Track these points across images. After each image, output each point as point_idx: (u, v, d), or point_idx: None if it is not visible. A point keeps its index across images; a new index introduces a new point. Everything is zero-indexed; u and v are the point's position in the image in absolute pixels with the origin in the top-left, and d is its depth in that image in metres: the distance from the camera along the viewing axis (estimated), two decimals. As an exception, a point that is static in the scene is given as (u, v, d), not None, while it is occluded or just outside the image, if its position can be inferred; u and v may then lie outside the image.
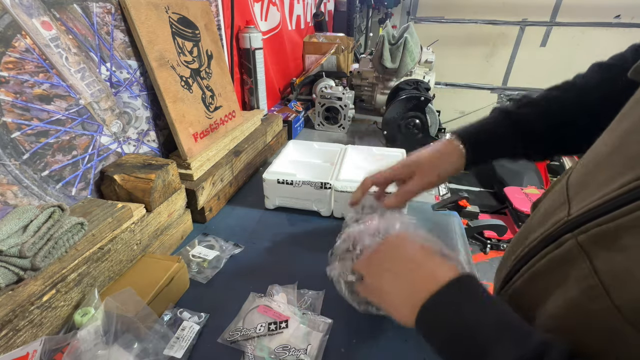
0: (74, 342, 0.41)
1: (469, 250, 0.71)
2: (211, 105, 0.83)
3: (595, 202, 0.28)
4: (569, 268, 0.29)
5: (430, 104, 1.12)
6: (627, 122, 0.30)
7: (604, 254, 0.26)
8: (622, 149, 0.28)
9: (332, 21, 2.34)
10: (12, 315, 0.39)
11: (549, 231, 0.33)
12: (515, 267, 0.37)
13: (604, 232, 0.27)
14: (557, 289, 0.30)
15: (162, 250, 0.65)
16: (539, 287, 0.33)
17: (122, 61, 0.64)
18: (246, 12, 1.13)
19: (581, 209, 0.29)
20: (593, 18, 2.89)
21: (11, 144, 0.47)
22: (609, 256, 0.26)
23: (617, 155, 0.29)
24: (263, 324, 0.51)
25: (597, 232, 0.27)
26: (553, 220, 0.33)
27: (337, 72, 1.65)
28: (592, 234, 0.28)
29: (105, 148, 0.62)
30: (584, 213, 0.29)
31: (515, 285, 0.37)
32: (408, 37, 1.32)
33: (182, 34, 0.75)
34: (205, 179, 0.75)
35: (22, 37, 0.47)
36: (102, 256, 0.51)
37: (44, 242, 0.43)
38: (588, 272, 0.27)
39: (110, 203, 0.55)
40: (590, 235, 0.28)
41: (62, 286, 0.45)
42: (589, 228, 0.28)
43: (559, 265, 0.31)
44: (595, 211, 0.28)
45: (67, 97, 0.54)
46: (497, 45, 3.25)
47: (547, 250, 0.32)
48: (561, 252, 0.31)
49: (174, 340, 0.48)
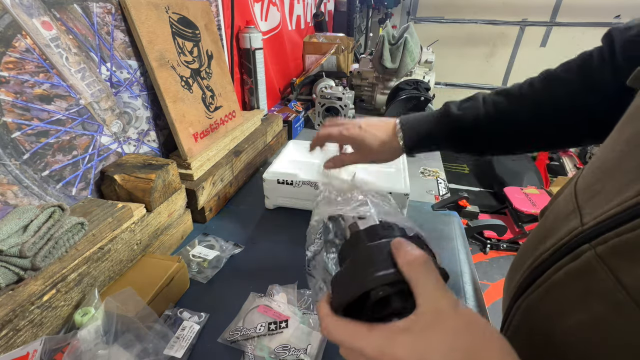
0: (74, 342, 0.41)
1: (468, 250, 0.71)
2: (211, 105, 0.83)
3: (611, 210, 0.27)
4: (589, 281, 0.28)
5: (430, 104, 1.12)
6: (632, 127, 0.29)
7: (627, 266, 0.25)
8: (633, 155, 0.28)
9: (332, 21, 2.34)
10: (12, 315, 0.39)
11: (562, 241, 0.31)
12: (527, 279, 0.36)
13: (624, 243, 0.25)
14: (579, 304, 0.29)
15: (162, 250, 0.65)
16: (557, 300, 0.32)
17: (122, 61, 0.64)
18: (246, 12, 1.13)
19: (596, 218, 0.28)
20: (593, 18, 2.89)
21: (11, 144, 0.47)
22: (634, 269, 0.24)
23: (627, 162, 0.28)
24: (263, 324, 0.51)
25: (616, 243, 0.26)
26: (565, 230, 0.32)
27: (337, 72, 1.65)
28: (612, 245, 0.26)
29: (106, 148, 0.62)
30: (600, 223, 0.27)
31: (530, 298, 0.35)
32: (408, 37, 1.32)
33: (182, 34, 0.75)
34: (206, 179, 0.75)
35: (22, 37, 0.47)
36: (102, 256, 0.51)
37: (44, 242, 0.43)
38: (613, 286, 0.25)
39: (110, 203, 0.55)
40: (609, 247, 0.26)
41: (62, 286, 0.45)
42: (608, 239, 0.26)
43: (578, 278, 0.29)
44: (612, 221, 0.26)
45: (67, 97, 0.54)
46: (497, 45, 3.25)
47: (563, 262, 0.31)
48: (579, 265, 0.29)
49: (174, 340, 0.48)
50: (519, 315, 0.37)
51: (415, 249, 0.28)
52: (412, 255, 0.27)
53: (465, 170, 3.46)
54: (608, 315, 0.26)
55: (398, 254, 0.27)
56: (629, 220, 0.25)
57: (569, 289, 0.30)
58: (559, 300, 0.32)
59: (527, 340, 0.35)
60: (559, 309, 0.31)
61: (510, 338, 0.27)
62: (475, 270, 0.67)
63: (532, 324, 0.30)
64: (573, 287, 0.30)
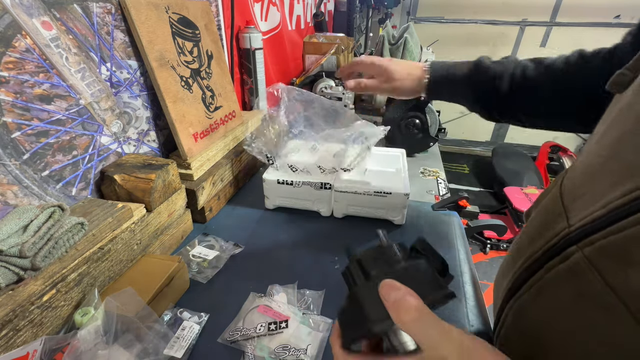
0: (74, 342, 0.41)
1: (468, 250, 0.71)
2: (211, 105, 0.83)
3: (596, 212, 0.27)
4: (579, 282, 0.28)
5: (430, 104, 1.12)
6: (616, 130, 0.29)
7: (615, 268, 0.25)
8: (618, 158, 0.28)
9: (332, 21, 2.34)
10: (12, 315, 0.39)
11: (551, 242, 0.32)
12: (519, 280, 0.36)
13: (611, 244, 0.25)
14: (570, 304, 0.29)
15: (162, 250, 0.65)
16: (548, 301, 0.32)
17: (122, 61, 0.64)
18: (246, 12, 1.13)
19: (582, 220, 0.28)
20: (593, 18, 2.89)
21: (11, 144, 0.47)
22: (621, 271, 0.25)
23: (612, 164, 0.28)
24: (263, 324, 0.51)
25: (603, 244, 0.26)
26: (553, 232, 0.32)
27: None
28: (598, 247, 0.26)
29: (106, 148, 0.62)
30: (587, 224, 0.28)
31: (522, 299, 0.35)
32: (408, 37, 1.32)
33: (182, 34, 0.75)
34: (206, 179, 0.75)
35: (22, 37, 0.47)
36: (102, 256, 0.51)
37: (44, 242, 0.43)
38: (602, 288, 0.26)
39: (110, 203, 0.55)
40: (596, 248, 0.27)
41: (62, 286, 0.45)
42: (594, 240, 0.27)
43: (567, 280, 0.30)
44: (599, 222, 0.26)
45: (67, 97, 0.54)
46: (497, 45, 3.25)
47: (552, 263, 0.31)
48: (567, 266, 0.29)
49: (174, 340, 0.48)
50: (511, 316, 0.37)
51: (405, 302, 0.26)
52: (404, 316, 0.26)
53: (465, 170, 3.46)
54: (598, 316, 0.26)
55: (389, 311, 0.26)
56: (614, 222, 0.25)
57: (560, 289, 0.31)
58: (550, 301, 0.32)
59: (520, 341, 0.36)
60: (551, 309, 0.32)
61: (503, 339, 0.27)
62: (475, 270, 0.67)
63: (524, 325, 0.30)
64: (564, 288, 0.30)
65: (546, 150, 2.96)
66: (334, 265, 0.65)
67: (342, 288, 0.32)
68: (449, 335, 0.25)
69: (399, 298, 0.26)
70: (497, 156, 3.09)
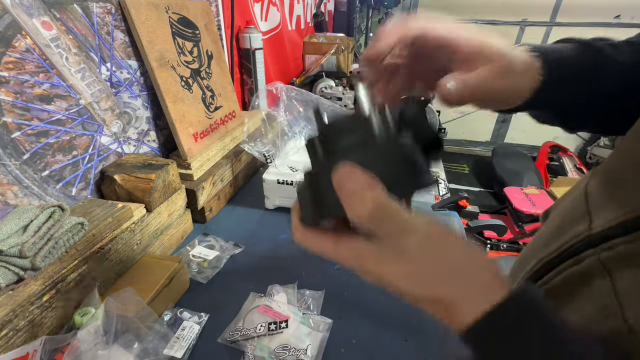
0: (74, 342, 0.41)
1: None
2: (211, 105, 0.83)
3: (622, 217, 0.26)
4: (584, 285, 0.28)
5: (430, 104, 1.12)
6: None
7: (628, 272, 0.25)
8: None
9: (332, 21, 2.34)
10: (12, 315, 0.39)
11: (568, 244, 0.31)
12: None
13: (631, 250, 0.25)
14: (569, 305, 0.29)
15: (162, 250, 0.65)
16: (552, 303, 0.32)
17: (122, 61, 0.64)
18: (246, 12, 1.13)
19: (606, 224, 0.27)
20: (593, 18, 2.89)
21: (11, 144, 0.47)
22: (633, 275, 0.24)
23: None
24: (263, 324, 0.51)
25: (623, 250, 0.25)
26: (573, 233, 0.31)
27: (337, 72, 1.65)
28: (618, 251, 0.26)
29: (106, 148, 0.62)
30: (610, 229, 0.27)
31: None
32: (408, 37, 1.32)
33: (182, 34, 0.75)
34: (206, 179, 0.75)
35: (22, 37, 0.47)
36: (102, 256, 0.51)
37: (44, 242, 0.43)
38: (605, 290, 0.25)
39: (110, 203, 0.55)
40: (615, 253, 0.26)
41: (62, 286, 0.45)
42: (615, 245, 0.26)
43: (575, 283, 0.29)
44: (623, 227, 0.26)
45: (67, 97, 0.54)
46: (497, 45, 3.24)
47: (564, 265, 0.30)
48: (580, 269, 0.29)
49: (174, 340, 0.48)
50: None
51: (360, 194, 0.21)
52: (358, 210, 0.22)
53: (465, 170, 3.46)
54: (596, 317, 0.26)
55: (342, 202, 0.22)
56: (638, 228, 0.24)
57: (564, 292, 0.30)
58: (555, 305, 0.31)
59: None
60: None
61: None
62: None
63: None
64: (568, 291, 0.30)
65: (546, 150, 2.96)
66: (334, 265, 0.65)
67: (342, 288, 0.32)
68: (411, 227, 0.22)
69: (354, 189, 0.22)
70: (497, 156, 3.09)
